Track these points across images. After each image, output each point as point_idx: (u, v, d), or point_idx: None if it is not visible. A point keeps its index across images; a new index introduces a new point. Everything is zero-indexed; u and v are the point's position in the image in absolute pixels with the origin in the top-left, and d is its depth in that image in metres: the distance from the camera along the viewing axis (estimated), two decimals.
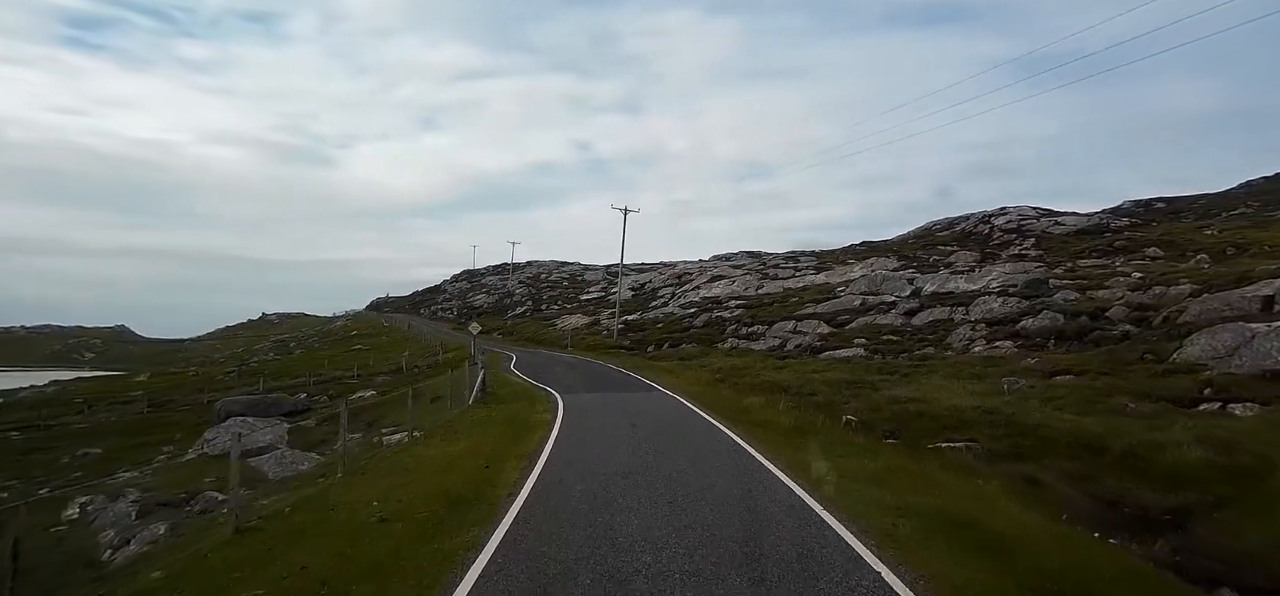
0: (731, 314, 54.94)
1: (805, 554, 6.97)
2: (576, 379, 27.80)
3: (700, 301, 64.38)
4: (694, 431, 14.65)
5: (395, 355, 58.93)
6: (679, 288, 76.39)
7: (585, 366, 34.08)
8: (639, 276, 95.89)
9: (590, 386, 25.12)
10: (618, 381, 27.70)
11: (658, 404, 19.82)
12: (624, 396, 21.75)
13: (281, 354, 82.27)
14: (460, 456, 12.51)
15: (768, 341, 44.56)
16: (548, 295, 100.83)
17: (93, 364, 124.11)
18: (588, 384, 26.21)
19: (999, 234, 73.21)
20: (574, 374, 30.35)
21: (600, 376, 29.67)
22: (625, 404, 19.63)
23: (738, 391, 23.50)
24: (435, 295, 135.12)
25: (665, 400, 20.70)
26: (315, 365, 58.34)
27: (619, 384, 26.59)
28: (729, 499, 9.14)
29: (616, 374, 30.95)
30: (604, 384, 26.59)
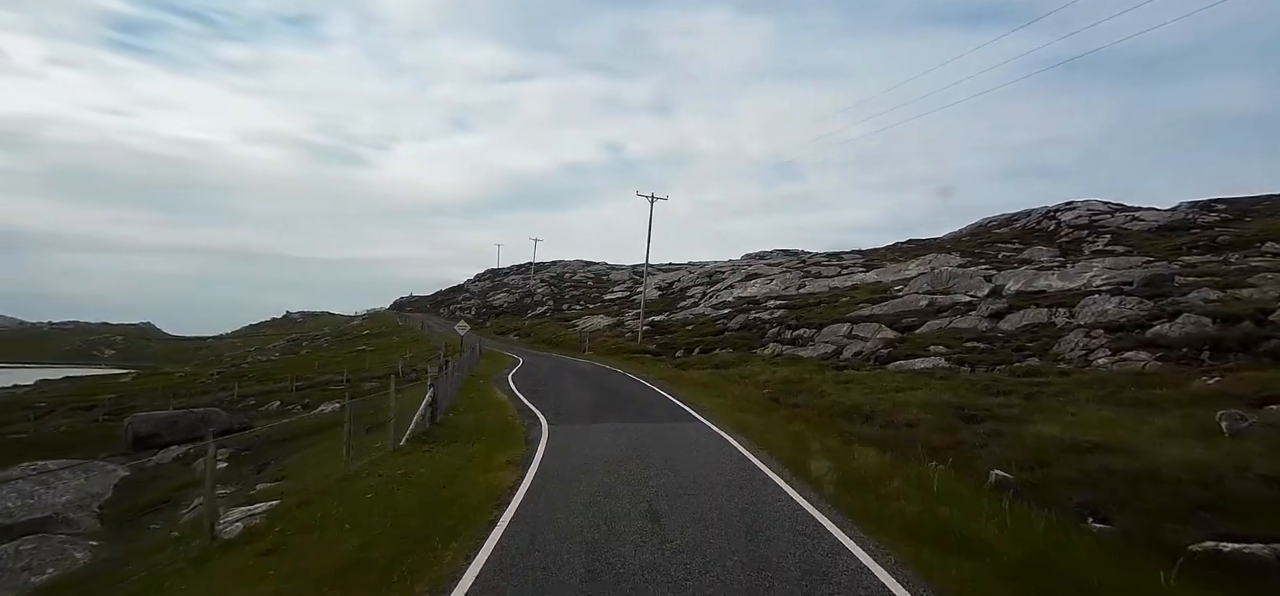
0: (771, 315, 47.86)
1: None
2: (584, 396, 20.88)
3: (735, 302, 57.35)
4: (771, 524, 7.71)
5: (397, 356, 53.00)
6: (710, 287, 69.40)
7: (600, 377, 27.32)
8: (666, 275, 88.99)
9: (599, 410, 17.44)
10: (638, 402, 20.03)
11: (696, 448, 12.60)
12: (645, 430, 14.23)
13: (287, 354, 77.14)
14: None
15: (818, 347, 37.43)
16: (570, 294, 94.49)
17: (112, 361, 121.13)
18: (597, 405, 18.63)
19: (1067, 229, 65.13)
20: (584, 388, 23.46)
21: (617, 394, 22.20)
22: (646, 447, 12.41)
23: (806, 421, 16.52)
24: (456, 294, 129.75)
25: (707, 438, 13.71)
26: (308, 368, 52.62)
27: (640, 406, 18.88)
28: None
29: (638, 389, 23.84)
30: (620, 406, 18.79)
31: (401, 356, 51.98)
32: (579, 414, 16.25)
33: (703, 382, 25.06)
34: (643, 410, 17.44)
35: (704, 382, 24.99)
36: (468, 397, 18.97)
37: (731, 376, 29.19)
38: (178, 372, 62.91)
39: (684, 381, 25.15)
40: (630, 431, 13.79)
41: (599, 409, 17.52)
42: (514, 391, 20.97)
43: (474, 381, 24.24)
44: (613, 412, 16.93)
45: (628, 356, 45.49)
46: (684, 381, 25.15)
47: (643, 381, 25.12)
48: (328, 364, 56.58)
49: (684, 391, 21.73)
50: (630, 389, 22.88)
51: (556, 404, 18.01)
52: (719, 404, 18.48)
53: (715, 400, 19.37)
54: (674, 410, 17.62)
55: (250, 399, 36.83)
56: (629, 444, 12.29)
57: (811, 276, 59.56)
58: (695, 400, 19.48)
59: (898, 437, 14.84)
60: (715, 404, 18.54)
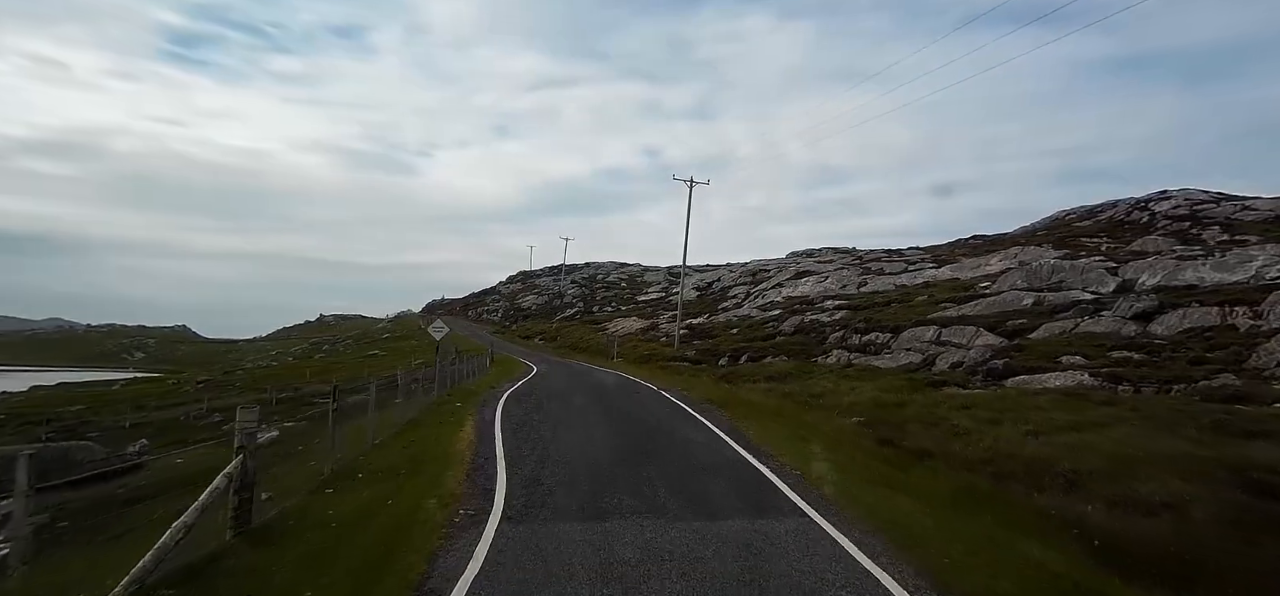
0: (830, 317, 40.39)
1: None
2: (596, 435, 13.03)
3: (784, 302, 49.93)
4: None
5: (404, 363, 47.01)
6: (754, 286, 62.01)
7: (626, 398, 19.84)
8: (705, 275, 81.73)
9: (613, 474, 9.75)
10: (682, 448, 12.09)
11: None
12: (710, 557, 6.21)
13: (301, 359, 71.98)
14: None
15: (898, 355, 29.95)
16: (602, 296, 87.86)
17: (139, 364, 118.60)
18: (613, 458, 10.94)
19: (1164, 220, 56.35)
20: (599, 418, 15.52)
21: (646, 429, 14.24)
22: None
23: (997, 506, 9.15)
24: (486, 297, 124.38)
25: (825, 553, 6.45)
26: (300, 375, 46.84)
27: (685, 459, 11.02)
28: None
29: (679, 421, 15.50)
30: (649, 458, 11.03)
31: (408, 363, 45.91)
32: (576, 482, 8.94)
33: (767, 407, 17.84)
34: (691, 473, 9.81)
35: (769, 408, 17.76)
36: (407, 440, 12.13)
37: (799, 396, 21.97)
38: (169, 379, 57.83)
39: (739, 405, 17.96)
40: (674, 556, 6.19)
41: (614, 468, 9.92)
42: (494, 424, 13.42)
43: (450, 402, 17.49)
44: (636, 479, 9.21)
45: (662, 365, 38.47)
46: (739, 405, 17.96)
47: (684, 405, 17.92)
48: (330, 370, 50.79)
49: (746, 424, 14.53)
50: (667, 419, 15.26)
51: (545, 454, 10.84)
52: (810, 454, 11.19)
53: (800, 445, 12.13)
54: (745, 475, 9.88)
55: (216, 415, 30.79)
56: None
57: (872, 273, 51.79)
58: (769, 443, 12.27)
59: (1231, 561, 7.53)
60: (804, 454, 11.25)
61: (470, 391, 20.77)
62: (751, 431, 13.37)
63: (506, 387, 23.21)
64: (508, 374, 30.06)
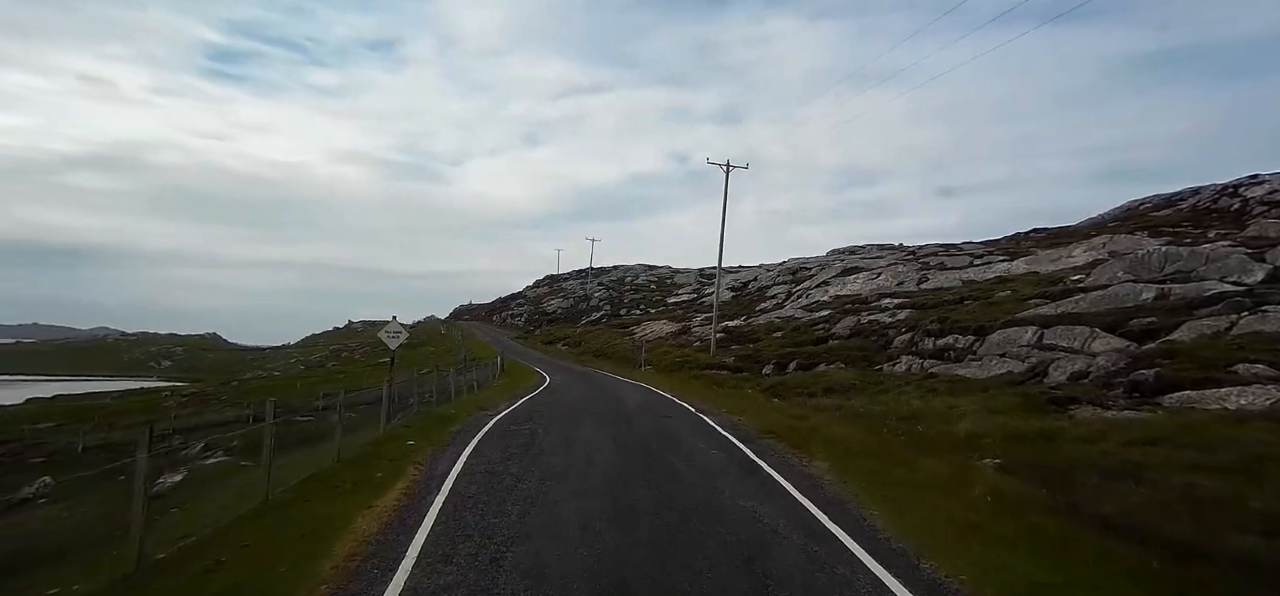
0: (892, 317, 34.62)
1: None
2: (596, 508, 7.67)
3: (832, 301, 44.16)
4: None
5: (409, 371, 42.53)
6: (795, 285, 56.25)
7: (653, 426, 14.06)
8: (738, 275, 76.06)
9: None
10: (744, 555, 6.20)
11: None
12: None
13: (312, 367, 68.21)
14: None
15: (989, 363, 24.19)
16: (630, 298, 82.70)
17: (165, 372, 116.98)
18: (617, 561, 5.91)
19: (1259, 206, 49.26)
20: (609, 465, 10.12)
21: (678, 495, 8.47)
22: None
23: None
24: (510, 302, 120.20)
25: None
26: (291, 387, 42.51)
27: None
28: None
29: (730, 469, 10.15)
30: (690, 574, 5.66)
31: (410, 373, 41.31)
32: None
33: (858, 445, 12.22)
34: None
35: (863, 445, 12.14)
36: (251, 536, 6.99)
37: (882, 417, 16.50)
38: (165, 392, 54.04)
39: (817, 441, 12.35)
40: None
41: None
42: (440, 489, 8.22)
43: (402, 439, 12.28)
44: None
45: (696, 375, 33.10)
46: (817, 441, 12.35)
47: (737, 441, 12.37)
48: (329, 380, 46.40)
49: (849, 483, 9.01)
50: (718, 475, 9.40)
51: (497, 557, 5.96)
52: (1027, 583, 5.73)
53: (978, 544, 6.62)
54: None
55: (179, 437, 26.26)
56: None
57: (930, 268, 45.75)
58: (915, 536, 6.83)
59: None
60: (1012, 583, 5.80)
61: (447, 416, 15.68)
62: (875, 510, 7.78)
63: (502, 408, 18.08)
64: (511, 389, 25.08)
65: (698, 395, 22.98)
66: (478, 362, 40.43)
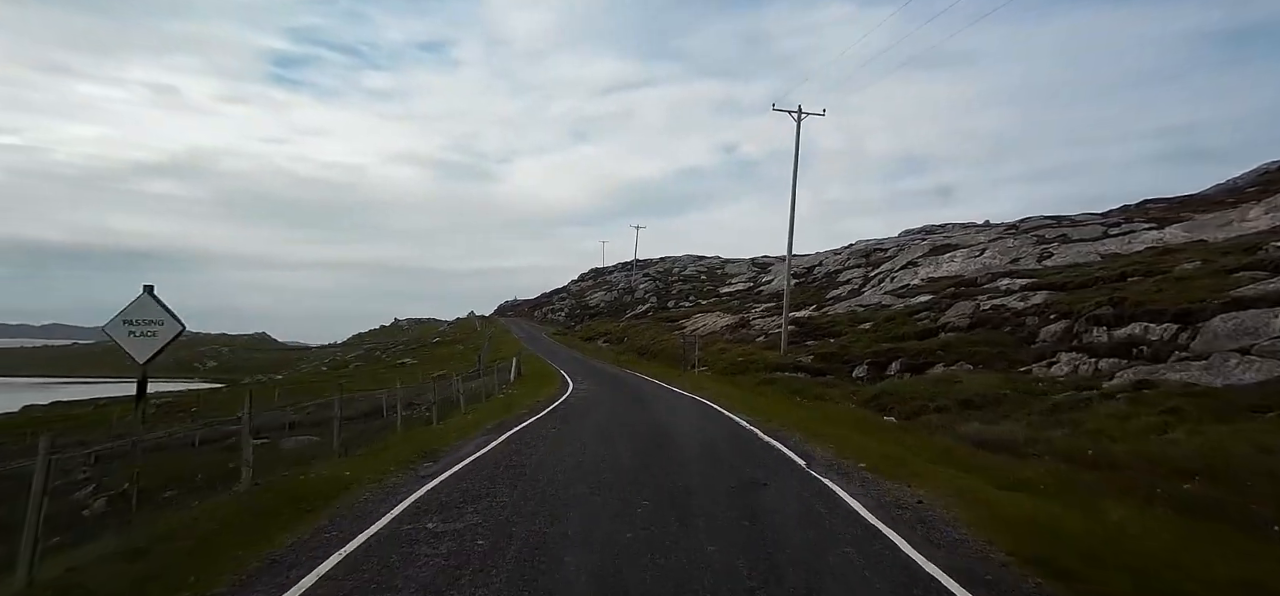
0: (1023, 301, 26.17)
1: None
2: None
3: (925, 284, 35.72)
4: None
5: (424, 373, 36.13)
6: (872, 269, 47.67)
7: (733, 517, 7.12)
8: (801, 260, 67.56)
9: None
10: None
11: None
12: None
13: (334, 367, 62.87)
14: None
15: (1233, 367, 15.76)
16: (678, 290, 75.05)
17: (210, 372, 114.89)
18: None
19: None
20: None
21: None
22: None
23: None
24: (553, 297, 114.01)
25: None
26: (305, 386, 36.45)
27: None
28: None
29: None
30: None
31: (423, 375, 34.76)
32: None
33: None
34: None
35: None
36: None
37: (1128, 467, 8.44)
38: (191, 399, 48.55)
39: (1125, 560, 4.79)
40: None
41: None
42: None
43: (278, 511, 5.48)
44: None
45: (765, 379, 25.34)
46: (1125, 560, 4.79)
47: (941, 575, 5.08)
48: (349, 380, 40.27)
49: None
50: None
51: None
52: None
53: None
54: None
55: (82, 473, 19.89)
56: None
57: (1049, 242, 36.78)
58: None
59: None
60: None
61: (382, 464, 8.62)
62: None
63: (478, 443, 10.88)
64: (513, 405, 17.96)
65: (780, 416, 15.24)
66: (499, 364, 33.61)
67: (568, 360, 39.04)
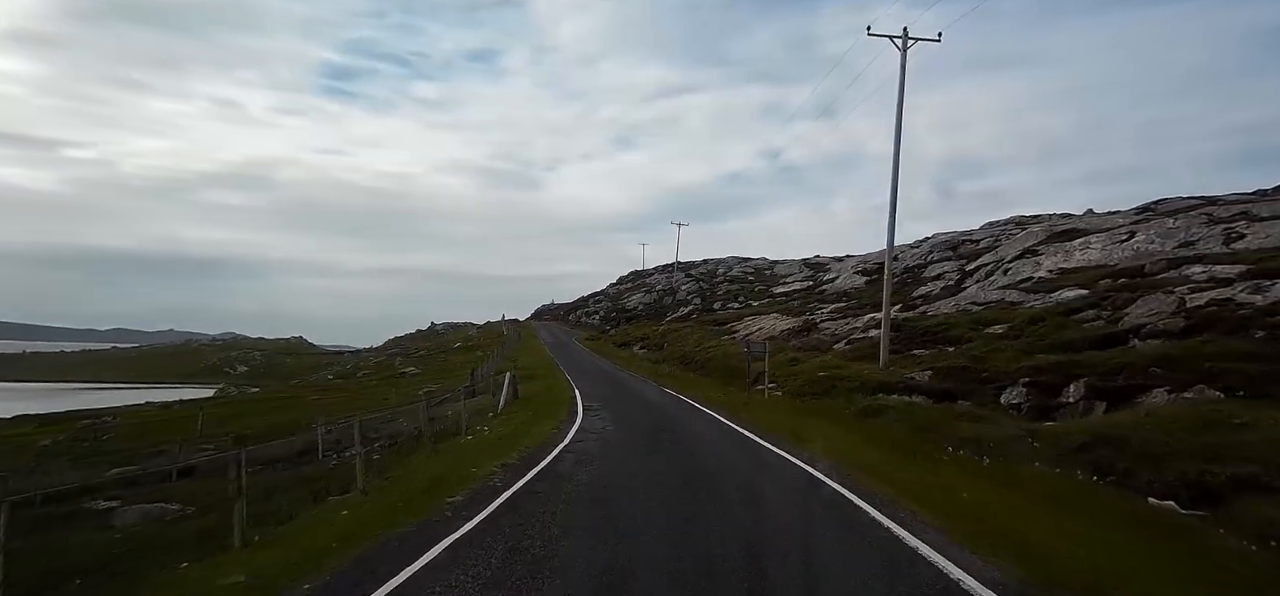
0: (1262, 296, 17.27)
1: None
2: None
3: (1058, 276, 26.88)
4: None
5: (418, 386, 28.90)
6: (968, 261, 38.71)
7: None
8: (863, 259, 58.57)
9: None
10: None
11: None
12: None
13: (342, 377, 56.47)
14: None
15: None
16: (725, 290, 66.78)
17: (240, 378, 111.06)
18: None
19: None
20: None
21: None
22: None
23: None
24: (589, 300, 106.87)
25: None
26: (304, 400, 29.49)
27: None
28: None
29: None
30: None
31: (415, 390, 27.49)
32: None
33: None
34: None
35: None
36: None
37: None
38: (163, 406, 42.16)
39: None
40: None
41: None
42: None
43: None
44: None
45: (872, 407, 17.12)
46: None
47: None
48: (341, 397, 33.44)
49: None
50: None
51: None
52: None
53: None
54: None
55: None
56: None
57: (1239, 222, 27.50)
58: None
59: None
60: None
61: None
62: None
63: None
64: (480, 459, 10.17)
65: (974, 515, 7.07)
66: (511, 373, 26.06)
67: (593, 372, 31.26)
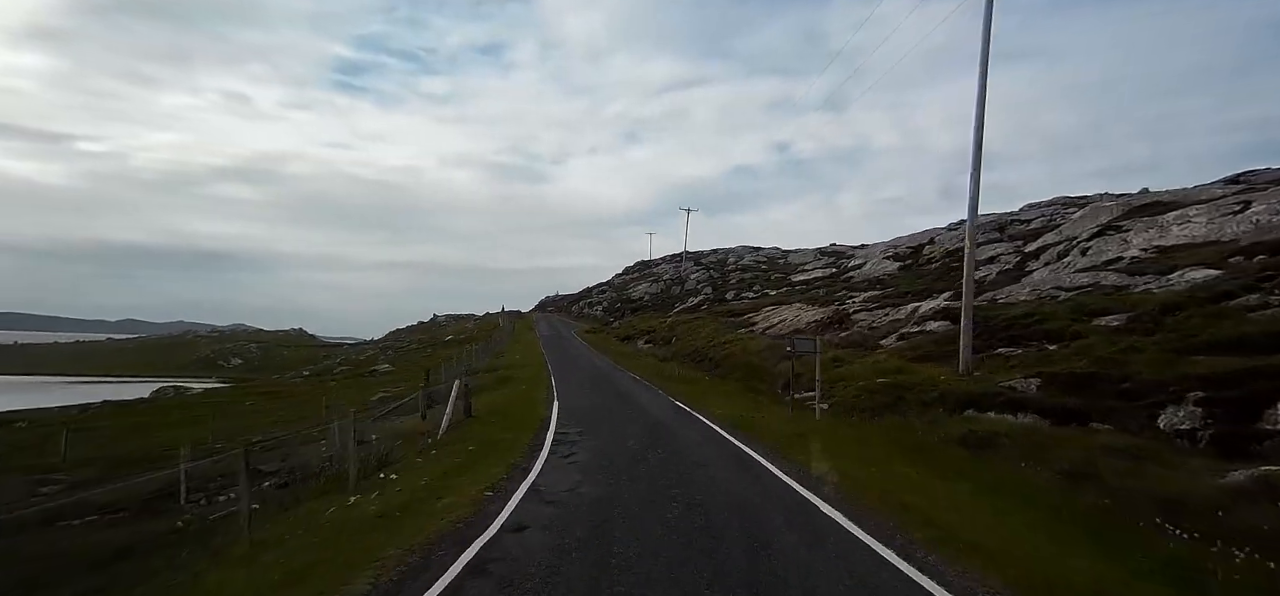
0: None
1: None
2: None
3: (1157, 255, 21.53)
4: None
5: (394, 384, 23.86)
6: (1023, 243, 33.29)
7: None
8: (893, 245, 53.20)
9: None
10: None
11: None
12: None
13: (319, 373, 51.66)
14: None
15: None
16: (738, 279, 61.48)
17: (235, 371, 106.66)
18: None
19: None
20: None
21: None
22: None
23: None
24: (593, 291, 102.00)
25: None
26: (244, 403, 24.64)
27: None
28: None
29: None
30: None
31: (373, 394, 22.56)
32: None
33: None
34: None
35: None
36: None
37: None
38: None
39: None
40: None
41: None
42: None
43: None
44: None
45: (974, 435, 11.79)
46: None
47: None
48: (299, 404, 28.53)
49: None
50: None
51: None
52: None
53: None
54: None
55: None
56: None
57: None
58: None
59: None
60: None
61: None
62: None
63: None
64: (380, 544, 4.86)
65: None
66: (490, 369, 21.04)
67: (585, 374, 26.03)
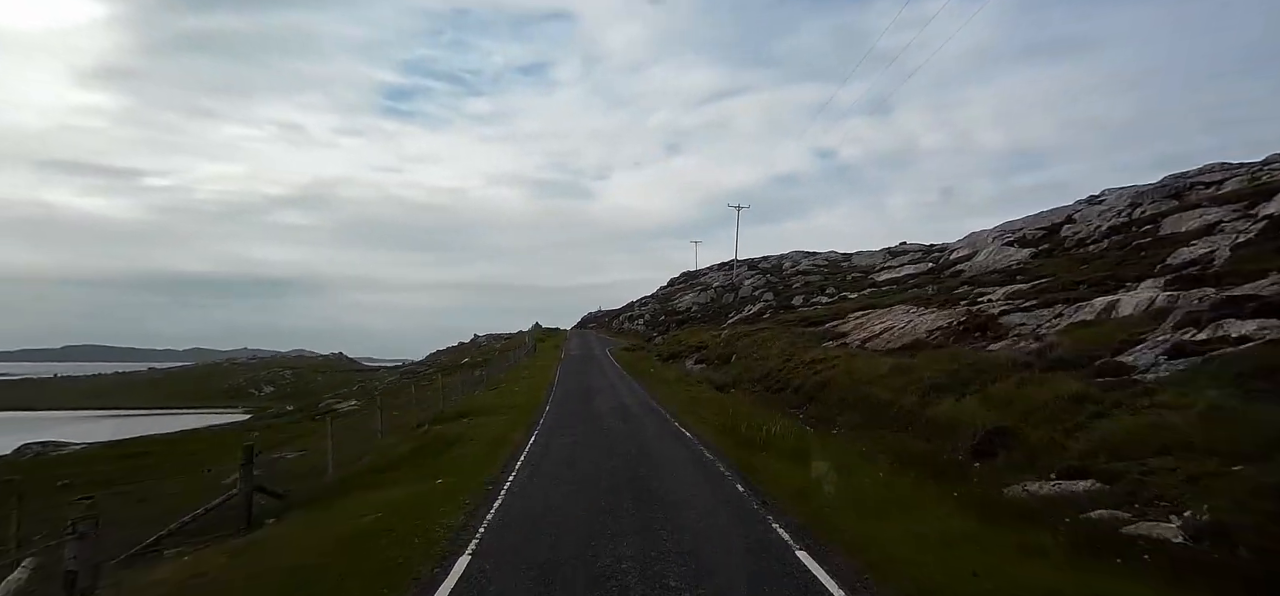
0: None
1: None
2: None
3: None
4: None
5: (388, 419, 16.33)
6: (1248, 205, 23.68)
7: None
8: (969, 241, 43.62)
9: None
10: None
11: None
12: None
13: (328, 389, 44.77)
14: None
15: None
16: (802, 283, 52.44)
17: (266, 399, 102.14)
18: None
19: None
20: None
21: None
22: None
23: None
24: (635, 305, 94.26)
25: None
26: None
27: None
28: None
29: None
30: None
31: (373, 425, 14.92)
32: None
33: None
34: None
35: None
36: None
37: None
38: None
39: None
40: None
41: None
42: None
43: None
44: None
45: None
46: None
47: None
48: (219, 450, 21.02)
49: None
50: None
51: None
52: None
53: None
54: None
55: None
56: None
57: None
58: None
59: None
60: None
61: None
62: None
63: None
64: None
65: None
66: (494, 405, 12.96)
67: (601, 421, 16.75)
